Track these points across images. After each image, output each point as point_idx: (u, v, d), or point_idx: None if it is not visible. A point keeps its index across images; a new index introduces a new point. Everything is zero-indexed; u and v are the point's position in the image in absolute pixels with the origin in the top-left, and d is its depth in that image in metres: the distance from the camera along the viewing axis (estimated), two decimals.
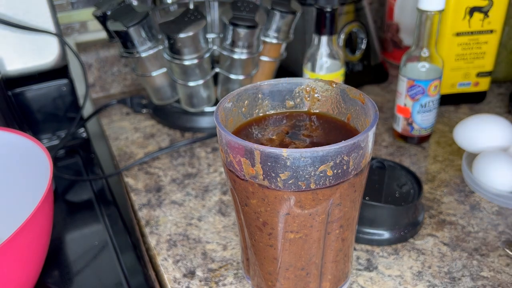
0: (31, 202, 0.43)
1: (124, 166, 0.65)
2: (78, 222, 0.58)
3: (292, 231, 0.37)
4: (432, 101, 0.62)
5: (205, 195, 0.59)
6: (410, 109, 0.63)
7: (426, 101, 0.62)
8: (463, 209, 0.55)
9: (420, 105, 0.62)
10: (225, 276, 0.47)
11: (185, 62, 0.64)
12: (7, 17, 0.62)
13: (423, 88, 0.60)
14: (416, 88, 0.61)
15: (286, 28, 0.68)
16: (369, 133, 0.35)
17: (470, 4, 0.67)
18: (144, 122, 0.76)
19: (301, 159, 0.33)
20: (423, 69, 0.61)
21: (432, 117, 0.64)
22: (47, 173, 0.45)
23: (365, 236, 0.50)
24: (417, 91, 0.61)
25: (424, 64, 0.61)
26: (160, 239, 0.52)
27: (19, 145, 0.49)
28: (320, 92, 0.42)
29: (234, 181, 0.37)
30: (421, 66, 0.61)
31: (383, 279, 0.46)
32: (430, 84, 0.60)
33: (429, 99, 0.62)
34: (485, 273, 0.46)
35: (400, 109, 0.64)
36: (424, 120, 0.63)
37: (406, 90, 0.62)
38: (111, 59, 0.84)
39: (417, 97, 0.61)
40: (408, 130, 0.65)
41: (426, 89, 0.60)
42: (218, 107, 0.39)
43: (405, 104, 0.63)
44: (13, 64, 0.65)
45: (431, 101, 0.62)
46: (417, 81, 0.61)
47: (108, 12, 0.66)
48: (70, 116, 0.72)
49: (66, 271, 0.50)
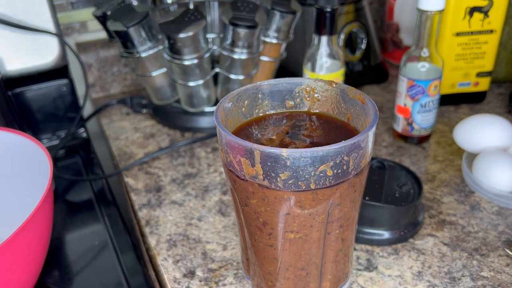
0: (31, 202, 0.43)
1: (124, 166, 0.65)
2: (78, 222, 0.58)
3: (292, 231, 0.37)
4: (432, 101, 0.62)
5: (205, 195, 0.59)
6: (410, 109, 0.63)
7: (426, 101, 0.62)
8: (463, 209, 0.55)
9: (420, 105, 0.62)
10: (225, 276, 0.47)
11: (185, 62, 0.64)
12: (7, 17, 0.62)
13: (423, 88, 0.60)
14: (416, 88, 0.61)
15: (286, 28, 0.68)
16: (369, 133, 0.35)
17: (470, 4, 0.67)
18: (144, 122, 0.76)
19: (301, 159, 0.33)
20: (423, 69, 0.61)
21: (432, 117, 0.64)
22: (47, 173, 0.45)
23: (365, 236, 0.50)
24: (417, 91, 0.61)
25: (424, 64, 0.61)
26: (160, 239, 0.52)
27: (19, 145, 0.49)
28: (320, 92, 0.42)
29: (234, 181, 0.37)
30: (421, 66, 0.61)
31: (383, 279, 0.46)
32: (430, 84, 0.60)
33: (429, 99, 0.62)
34: (485, 273, 0.46)
35: (400, 109, 0.64)
36: (424, 120, 0.63)
37: (406, 90, 0.62)
38: (111, 59, 0.84)
39: (417, 97, 0.61)
40: (408, 130, 0.65)
41: (426, 89, 0.60)
42: (218, 107, 0.39)
43: (405, 104, 0.63)
44: (13, 64, 0.65)
45: (431, 101, 0.62)
46: (417, 81, 0.61)
47: (108, 12, 0.66)
48: (70, 116, 0.72)
49: (66, 271, 0.50)
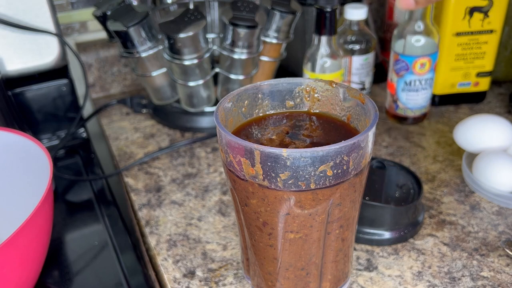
0: (31, 202, 0.43)
1: (124, 166, 0.65)
2: (78, 222, 0.58)
3: (292, 231, 0.37)
4: (419, 80, 0.59)
5: (205, 195, 0.59)
6: (395, 85, 0.60)
7: (412, 79, 0.59)
8: (463, 209, 0.55)
9: (405, 83, 0.59)
10: (225, 276, 0.47)
11: (185, 62, 0.64)
12: (7, 17, 0.62)
13: (406, 64, 0.57)
14: (400, 63, 0.58)
15: (286, 28, 0.68)
16: (369, 133, 0.35)
17: (470, 4, 0.67)
18: (144, 122, 0.76)
19: (301, 159, 0.33)
20: (418, 43, 0.57)
21: (420, 99, 0.61)
22: (47, 173, 0.45)
23: (365, 236, 0.50)
24: (401, 66, 0.58)
25: (419, 38, 0.57)
26: (160, 239, 0.52)
27: (19, 145, 0.49)
28: (320, 92, 0.42)
29: (234, 181, 0.37)
30: (416, 40, 0.57)
31: (383, 279, 0.46)
32: (415, 61, 0.57)
33: (415, 77, 0.58)
34: (485, 273, 0.46)
35: (388, 85, 0.62)
36: (410, 100, 0.60)
37: (392, 64, 0.60)
38: (111, 59, 0.84)
39: (401, 73, 0.58)
40: (393, 107, 0.63)
41: (411, 65, 0.57)
42: (218, 107, 0.39)
43: (391, 79, 0.61)
44: (13, 64, 0.65)
45: (418, 80, 0.59)
46: (402, 56, 0.58)
47: (108, 12, 0.66)
48: (70, 116, 0.72)
49: (66, 271, 0.50)
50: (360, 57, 0.70)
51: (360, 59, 0.70)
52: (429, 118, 0.72)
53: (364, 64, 0.71)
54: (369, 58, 0.71)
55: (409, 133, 0.69)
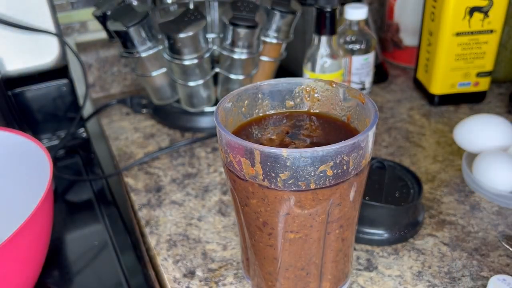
0: (31, 202, 0.43)
1: (124, 166, 0.65)
2: (78, 222, 0.58)
3: (292, 231, 0.37)
4: None
5: (205, 195, 0.59)
6: None
7: None
8: (463, 209, 0.55)
9: None
10: (225, 276, 0.47)
11: (185, 62, 0.64)
12: (7, 17, 0.62)
13: None
14: None
15: (286, 28, 0.68)
16: (369, 133, 0.35)
17: (470, 4, 0.67)
18: (144, 122, 0.76)
19: (301, 159, 0.33)
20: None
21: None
22: (47, 173, 0.45)
23: (365, 236, 0.50)
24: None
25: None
26: (160, 239, 0.52)
27: (19, 145, 0.49)
28: (320, 92, 0.42)
29: (234, 181, 0.37)
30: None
31: (383, 279, 0.46)
32: None
33: None
34: (485, 273, 0.46)
35: None
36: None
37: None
38: (111, 59, 0.84)
39: None
40: None
41: None
42: (218, 107, 0.39)
43: None
44: (13, 64, 0.65)
45: None
46: None
47: (108, 12, 0.66)
48: (70, 116, 0.72)
49: (66, 271, 0.50)
50: (360, 57, 0.70)
51: (360, 59, 0.70)
52: (429, 118, 0.72)
53: (364, 64, 0.71)
54: (369, 58, 0.71)
55: (409, 133, 0.69)
